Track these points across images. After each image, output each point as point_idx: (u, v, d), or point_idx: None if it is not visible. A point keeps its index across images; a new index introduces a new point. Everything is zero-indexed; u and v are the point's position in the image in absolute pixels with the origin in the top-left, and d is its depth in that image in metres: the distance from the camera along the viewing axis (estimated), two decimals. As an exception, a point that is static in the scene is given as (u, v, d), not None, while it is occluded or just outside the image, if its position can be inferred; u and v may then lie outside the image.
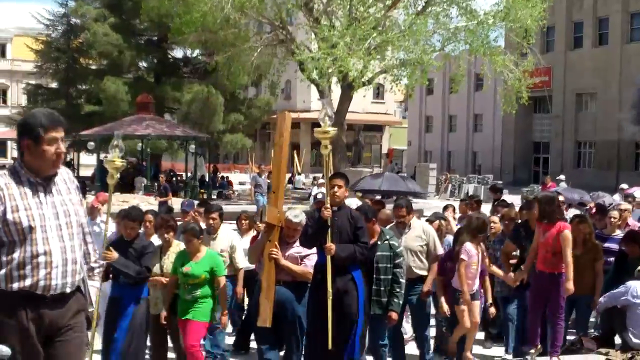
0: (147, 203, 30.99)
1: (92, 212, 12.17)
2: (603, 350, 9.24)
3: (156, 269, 9.08)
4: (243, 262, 10.00)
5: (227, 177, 46.19)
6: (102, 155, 42.90)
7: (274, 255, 8.45)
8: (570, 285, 8.75)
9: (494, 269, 9.87)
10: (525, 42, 34.71)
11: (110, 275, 8.57)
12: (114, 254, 8.32)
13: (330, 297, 7.82)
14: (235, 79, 38.04)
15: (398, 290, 8.81)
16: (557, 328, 8.70)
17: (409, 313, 10.24)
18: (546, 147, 58.73)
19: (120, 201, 29.65)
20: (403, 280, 8.90)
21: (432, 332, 10.42)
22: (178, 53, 50.63)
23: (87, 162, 51.55)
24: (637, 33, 51.48)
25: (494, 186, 19.75)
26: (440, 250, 9.84)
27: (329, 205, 7.99)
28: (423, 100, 71.42)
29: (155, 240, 9.64)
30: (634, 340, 9.11)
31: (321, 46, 31.97)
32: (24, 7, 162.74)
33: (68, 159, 55.98)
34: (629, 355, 8.97)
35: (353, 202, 12.03)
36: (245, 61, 36.05)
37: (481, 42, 33.52)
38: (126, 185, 37.46)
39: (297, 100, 69.27)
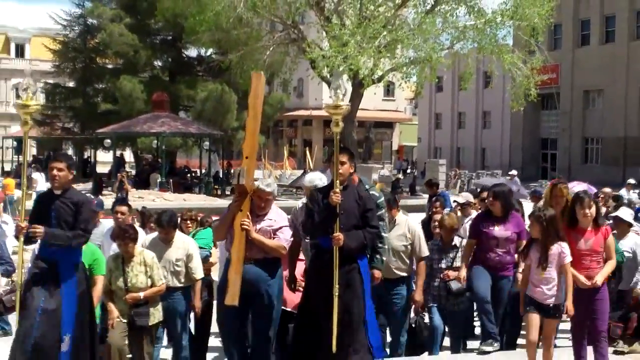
0: (162, 198, 31.12)
1: None
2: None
3: (120, 282, 8.25)
4: (200, 273, 8.81)
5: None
6: (118, 153, 43.10)
7: (245, 226, 7.69)
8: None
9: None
10: (533, 40, 34.63)
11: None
12: (40, 228, 6.83)
13: (337, 294, 6.93)
14: (248, 77, 37.97)
15: (380, 245, 7.85)
16: (605, 347, 7.34)
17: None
18: (554, 144, 58.50)
19: (136, 197, 29.74)
20: (385, 235, 8.00)
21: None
22: (192, 52, 50.72)
23: (104, 159, 51.58)
24: (644, 30, 51.26)
25: (430, 181, 18.47)
26: (426, 252, 8.94)
27: (338, 190, 7.01)
28: (433, 98, 71.29)
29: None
30: None
31: (332, 44, 31.98)
32: (42, 8, 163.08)
33: (85, 156, 56.29)
34: None
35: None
36: (257, 60, 36.05)
37: (489, 41, 33.48)
38: (142, 181, 37.59)
39: (309, 97, 69.19)
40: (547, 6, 33.47)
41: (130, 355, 8.37)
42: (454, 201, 13.72)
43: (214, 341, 9.36)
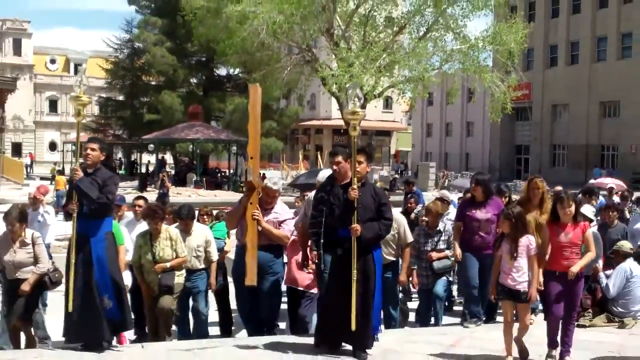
0: (197, 194, 31.14)
1: (34, 203, 10.96)
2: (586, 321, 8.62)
3: (149, 256, 8.10)
4: (216, 256, 8.74)
5: (264, 173, 46.13)
6: (160, 155, 43.12)
7: (256, 217, 7.71)
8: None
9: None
10: (510, 62, 34.53)
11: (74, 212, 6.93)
12: (80, 173, 6.91)
13: (355, 279, 6.72)
14: (269, 92, 38.03)
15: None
16: (572, 328, 7.10)
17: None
18: (527, 150, 58.36)
19: (175, 193, 29.75)
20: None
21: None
22: (222, 71, 50.76)
23: (148, 160, 51.83)
24: (603, 54, 51.09)
25: (407, 180, 17.96)
26: (410, 238, 8.73)
27: (356, 187, 6.80)
28: (424, 110, 71.20)
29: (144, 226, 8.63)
30: (620, 309, 8.76)
31: (340, 65, 31.94)
32: (97, 33, 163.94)
33: (132, 158, 56.41)
34: (616, 321, 8.65)
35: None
36: (277, 78, 36.07)
37: (472, 62, 33.41)
38: (180, 180, 37.61)
39: (320, 110, 69.15)
40: (521, 33, 33.40)
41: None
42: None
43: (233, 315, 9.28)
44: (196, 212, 9.25)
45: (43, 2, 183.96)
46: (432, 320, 9.26)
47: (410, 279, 9.03)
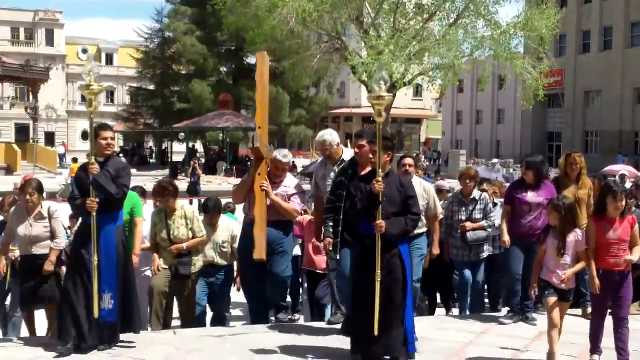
0: (227, 182, 31.31)
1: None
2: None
3: (163, 234, 7.71)
4: None
5: (293, 161, 46.24)
6: (190, 144, 43.37)
7: (264, 188, 7.29)
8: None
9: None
10: (541, 48, 34.12)
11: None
12: (97, 167, 6.30)
13: (379, 279, 5.96)
14: (299, 80, 38.06)
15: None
16: (626, 332, 6.30)
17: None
18: (558, 136, 57.74)
19: (206, 181, 29.96)
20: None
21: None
22: (252, 60, 50.77)
23: (179, 149, 52.14)
24: (637, 39, 50.31)
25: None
26: (440, 210, 8.24)
27: (380, 178, 6.04)
28: (454, 97, 70.73)
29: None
30: None
31: (369, 53, 31.81)
32: (127, 23, 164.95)
33: (163, 147, 56.82)
34: None
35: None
36: (306, 66, 36.04)
37: (504, 49, 33.03)
38: (210, 168, 37.84)
39: (350, 98, 69.05)
40: (553, 19, 32.98)
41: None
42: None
43: (238, 296, 8.82)
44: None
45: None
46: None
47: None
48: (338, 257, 6.96)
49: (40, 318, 7.94)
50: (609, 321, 6.36)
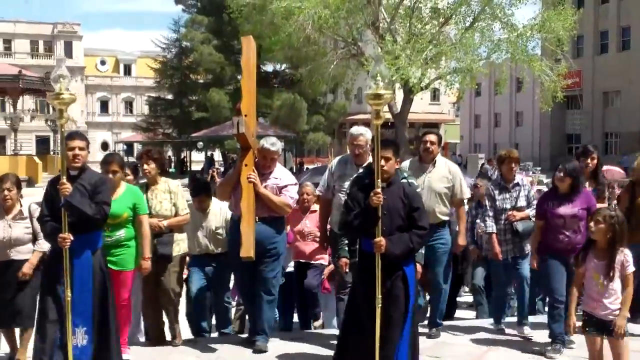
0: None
1: None
2: None
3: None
4: None
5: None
6: (208, 153, 43.51)
7: (252, 179, 6.56)
8: None
9: None
10: (559, 50, 33.93)
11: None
12: (69, 186, 5.27)
13: (379, 305, 5.20)
14: (316, 87, 38.05)
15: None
16: None
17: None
18: (578, 139, 57.34)
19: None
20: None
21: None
22: (269, 67, 51.02)
23: (198, 158, 52.36)
24: (656, 39, 50.05)
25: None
26: (468, 194, 7.41)
27: (379, 190, 5.24)
28: (472, 101, 70.58)
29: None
30: None
31: (386, 58, 31.75)
32: (145, 34, 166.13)
33: (182, 156, 57.07)
34: None
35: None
36: (323, 72, 36.02)
37: (521, 51, 32.85)
38: (229, 176, 37.89)
39: (367, 104, 69.08)
40: (570, 20, 32.76)
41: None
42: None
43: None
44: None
45: (91, 4, 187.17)
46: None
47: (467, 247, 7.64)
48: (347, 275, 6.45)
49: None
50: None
